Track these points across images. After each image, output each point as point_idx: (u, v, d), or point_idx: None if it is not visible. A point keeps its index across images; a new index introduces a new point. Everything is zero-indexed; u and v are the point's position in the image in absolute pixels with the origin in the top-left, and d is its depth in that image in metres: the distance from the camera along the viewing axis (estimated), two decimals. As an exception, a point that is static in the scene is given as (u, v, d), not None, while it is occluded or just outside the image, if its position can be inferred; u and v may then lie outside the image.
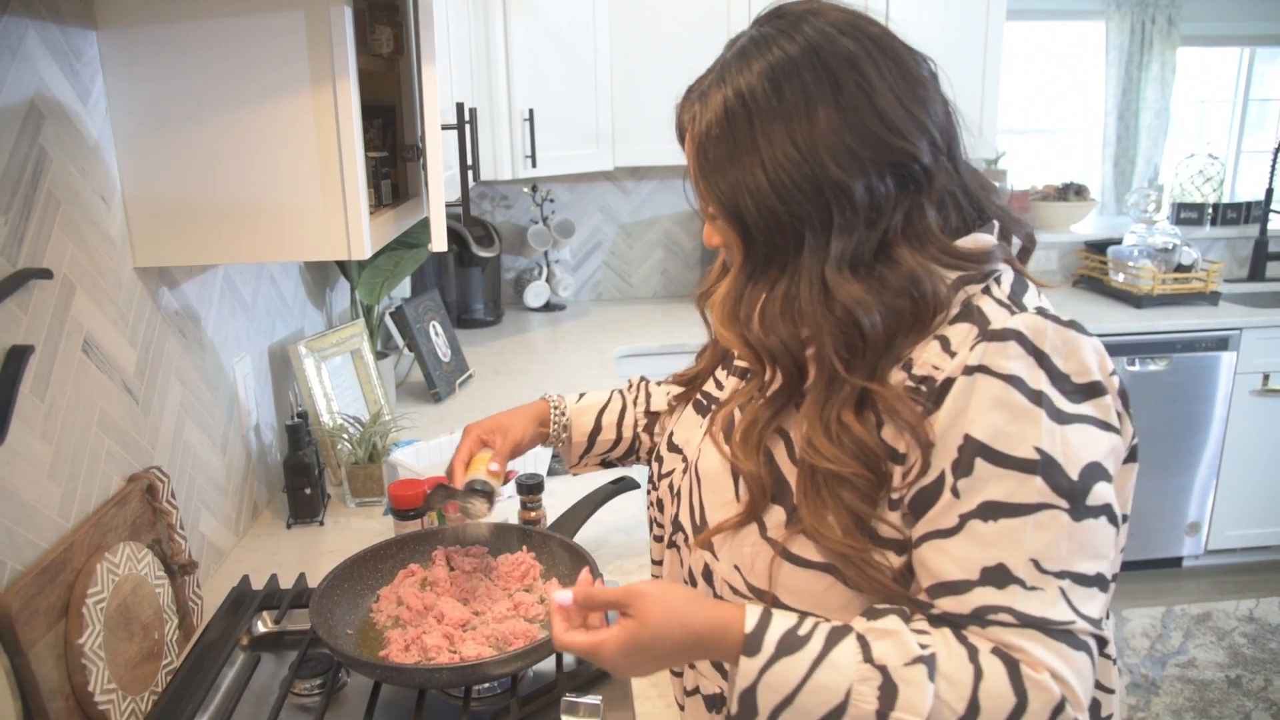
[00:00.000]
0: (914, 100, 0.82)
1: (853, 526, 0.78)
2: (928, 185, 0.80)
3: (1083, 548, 0.72)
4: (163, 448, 1.25)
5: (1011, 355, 0.73)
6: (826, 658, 0.73)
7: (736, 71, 0.82)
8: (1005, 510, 0.72)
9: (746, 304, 0.84)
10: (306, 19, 1.11)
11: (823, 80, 0.79)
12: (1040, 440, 0.72)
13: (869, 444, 0.77)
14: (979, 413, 0.73)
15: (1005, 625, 0.71)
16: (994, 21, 2.91)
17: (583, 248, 3.37)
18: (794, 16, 0.83)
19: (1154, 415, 3.10)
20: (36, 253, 0.98)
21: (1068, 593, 0.71)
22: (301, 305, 1.90)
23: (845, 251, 0.79)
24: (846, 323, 0.78)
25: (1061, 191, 3.68)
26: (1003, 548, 0.72)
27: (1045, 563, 0.71)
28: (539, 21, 2.51)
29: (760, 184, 0.79)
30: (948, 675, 0.71)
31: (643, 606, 0.79)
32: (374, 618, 1.13)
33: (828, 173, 0.78)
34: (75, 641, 0.94)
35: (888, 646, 0.72)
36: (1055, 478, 0.72)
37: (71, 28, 1.07)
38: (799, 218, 0.79)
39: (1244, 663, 2.84)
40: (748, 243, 0.83)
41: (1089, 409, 0.74)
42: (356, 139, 1.16)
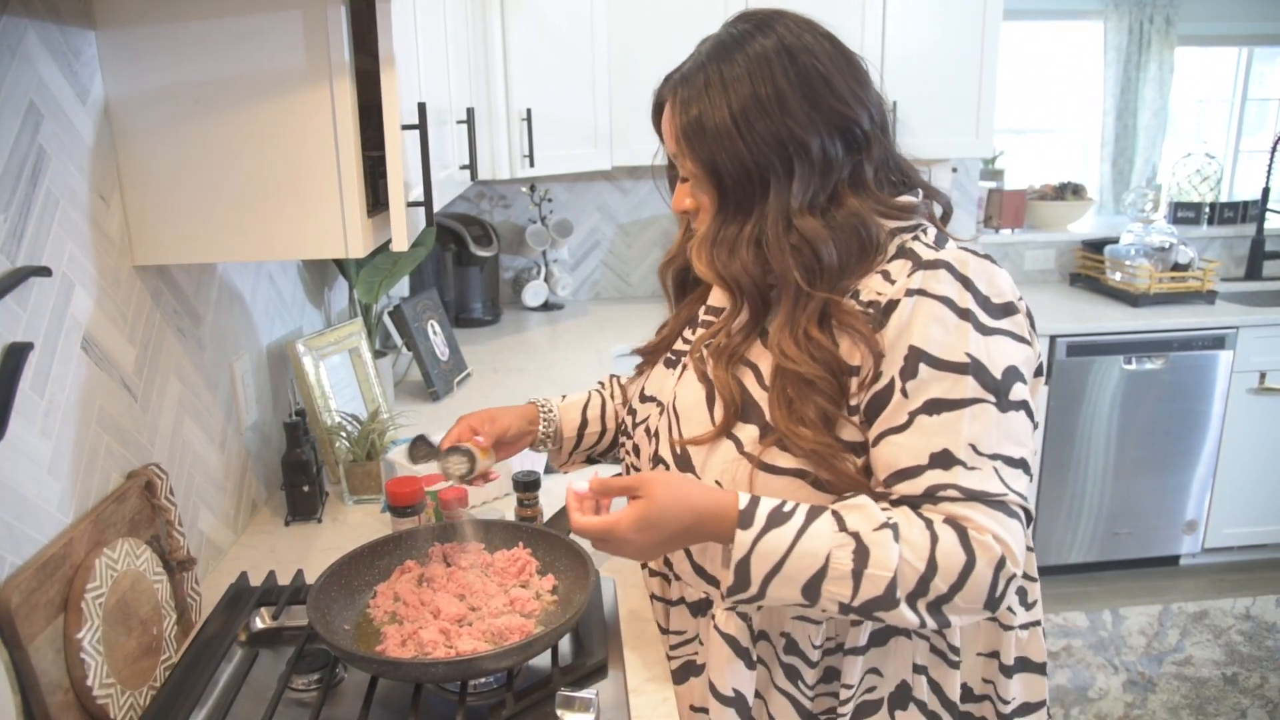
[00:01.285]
0: (855, 81, 1.00)
1: (822, 428, 0.93)
2: (868, 148, 0.99)
3: (1008, 435, 0.88)
4: (161, 445, 1.26)
5: (942, 280, 0.91)
6: (808, 529, 0.88)
7: (717, 58, 1.00)
8: (945, 405, 0.88)
9: (720, 244, 1.00)
10: (304, 18, 1.12)
11: (785, 60, 0.97)
12: (970, 347, 0.89)
13: (831, 351, 0.93)
14: (919, 327, 0.90)
15: (953, 500, 0.86)
16: (991, 21, 2.91)
17: (581, 247, 3.38)
18: (762, 18, 1.02)
19: (1151, 414, 3.11)
20: (36, 250, 0.99)
21: (1000, 471, 0.87)
22: (300, 304, 1.91)
23: (805, 196, 0.96)
24: (806, 253, 0.95)
25: (1059, 191, 3.69)
26: (945, 436, 0.87)
27: (981, 446, 0.87)
28: (537, 21, 2.52)
29: (735, 142, 0.97)
30: (909, 540, 0.85)
31: (651, 488, 0.93)
32: (371, 613, 1.14)
33: (790, 130, 0.95)
34: (74, 636, 0.95)
35: (858, 518, 0.88)
36: (983, 377, 0.88)
37: (70, 27, 1.07)
38: (765, 168, 0.97)
39: (1240, 660, 2.85)
40: (722, 193, 1.00)
41: (1006, 324, 0.91)
42: (354, 137, 1.16)
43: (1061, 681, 2.76)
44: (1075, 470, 3.13)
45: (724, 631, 1.02)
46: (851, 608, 0.87)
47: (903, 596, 0.85)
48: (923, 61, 2.91)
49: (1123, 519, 3.21)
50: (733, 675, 1.02)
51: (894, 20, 2.85)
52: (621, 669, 1.13)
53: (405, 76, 1.24)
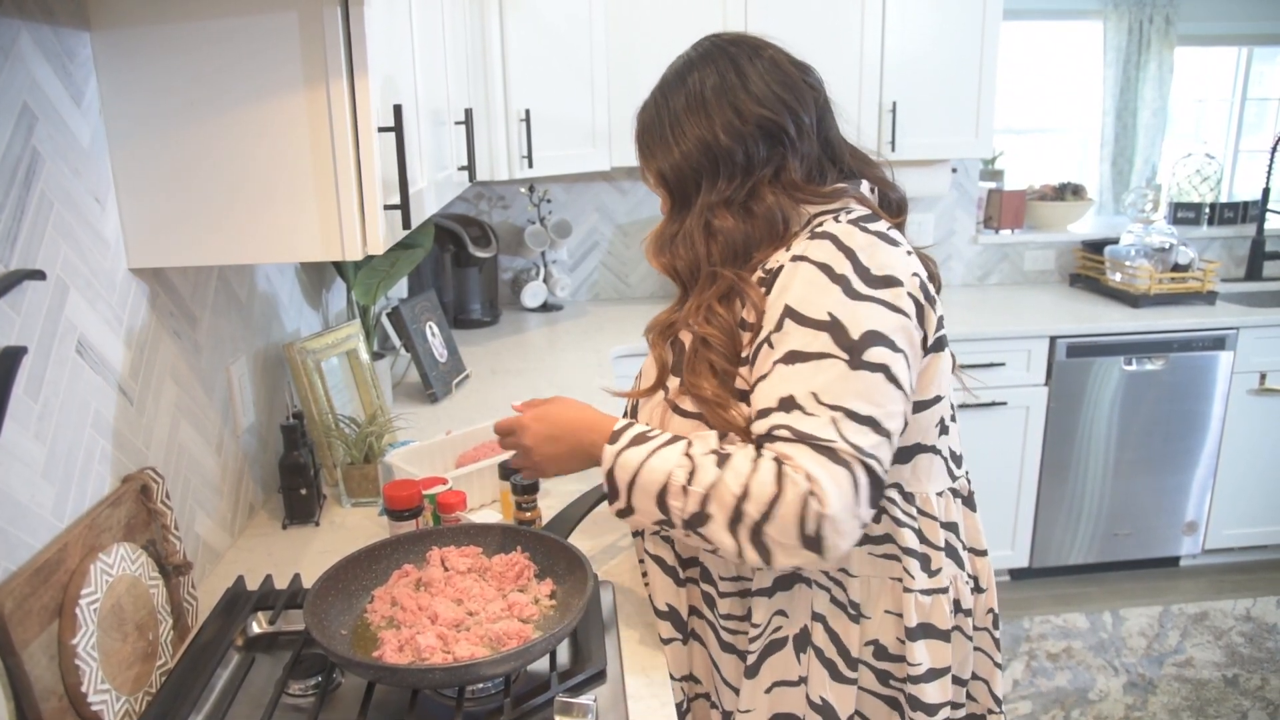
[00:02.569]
0: (783, 88, 1.10)
1: (716, 381, 1.05)
2: (793, 147, 1.09)
3: (856, 392, 0.95)
4: (157, 448, 1.25)
5: (824, 249, 1.01)
6: (660, 451, 1.00)
7: (668, 76, 1.16)
8: (801, 357, 0.97)
9: (664, 238, 1.14)
10: (299, 19, 1.11)
11: (712, 74, 1.11)
12: (832, 307, 0.97)
13: (726, 318, 1.06)
14: (794, 287, 1.00)
15: (784, 440, 0.94)
16: (990, 21, 2.91)
17: (580, 248, 3.37)
18: (712, 39, 1.16)
19: (1151, 415, 3.10)
20: (30, 254, 0.99)
21: (838, 422, 0.94)
22: (298, 306, 1.90)
23: (725, 193, 1.09)
24: (720, 242, 1.08)
25: (1058, 191, 3.68)
26: (793, 383, 0.96)
27: (823, 396, 0.94)
28: (536, 22, 2.51)
29: (668, 144, 1.12)
30: (734, 467, 0.95)
31: (555, 399, 1.19)
32: (368, 618, 1.13)
33: (711, 131, 1.09)
34: (69, 642, 0.94)
35: (700, 446, 0.99)
36: (839, 335, 0.96)
37: (65, 29, 1.07)
38: (696, 170, 1.11)
39: (1241, 662, 2.85)
40: (669, 195, 1.15)
41: (882, 294, 0.99)
42: (350, 140, 1.16)
43: (1062, 683, 2.75)
44: (1075, 471, 3.13)
45: (652, 553, 1.19)
46: (686, 522, 0.97)
47: (717, 515, 0.94)
48: (922, 62, 2.90)
49: (1123, 520, 3.20)
50: (662, 591, 1.19)
51: (893, 21, 2.85)
52: (620, 674, 1.12)
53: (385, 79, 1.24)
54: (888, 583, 1.11)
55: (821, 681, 1.11)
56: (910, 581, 1.10)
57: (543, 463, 1.16)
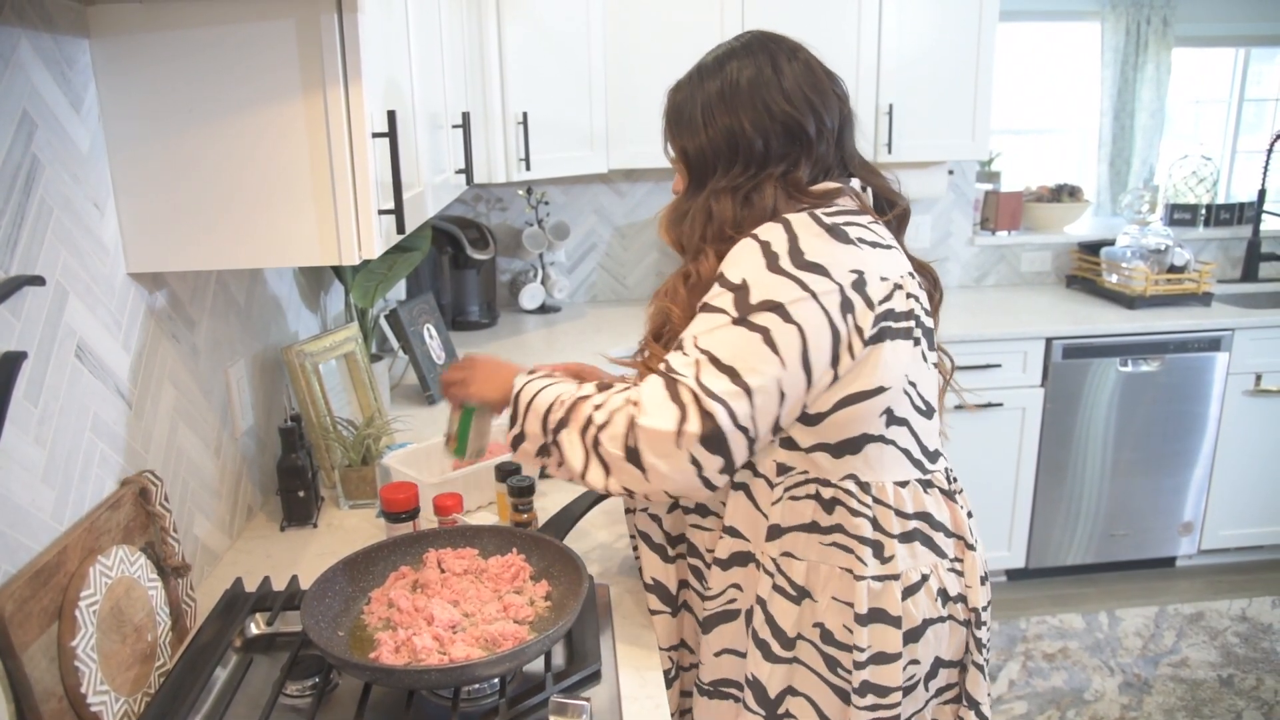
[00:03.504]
0: (813, 91, 1.16)
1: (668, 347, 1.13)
2: (808, 147, 1.15)
3: (727, 343, 1.03)
4: (156, 451, 1.26)
5: (773, 231, 1.07)
6: (559, 384, 1.13)
7: (705, 62, 1.20)
8: (705, 309, 1.07)
9: (676, 213, 1.21)
10: (297, 27, 1.12)
11: (748, 65, 1.16)
12: (747, 273, 1.05)
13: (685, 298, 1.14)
14: (731, 257, 1.08)
15: (657, 373, 1.05)
16: (987, 23, 2.91)
17: (578, 250, 3.38)
18: (753, 33, 1.21)
19: (1147, 416, 3.11)
20: (29, 259, 1.00)
21: (700, 365, 1.03)
22: (296, 309, 1.91)
23: (734, 179, 1.15)
24: (711, 222, 1.15)
25: (1055, 193, 3.69)
26: (690, 329, 1.07)
27: (699, 341, 1.05)
28: (533, 26, 2.52)
29: (697, 127, 1.17)
30: (606, 394, 1.08)
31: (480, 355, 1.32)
32: (365, 619, 1.14)
33: (739, 122, 1.14)
34: (68, 644, 0.95)
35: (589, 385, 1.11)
36: (740, 297, 1.05)
37: (64, 36, 1.08)
38: (716, 154, 1.16)
39: (1236, 662, 2.86)
40: (689, 173, 1.21)
41: (801, 276, 1.04)
42: (347, 145, 1.17)
43: (1058, 683, 2.76)
44: (1072, 472, 3.14)
45: (640, 529, 1.26)
46: (552, 429, 1.09)
47: (573, 422, 1.07)
48: (918, 64, 2.91)
49: (1119, 521, 3.21)
50: (649, 566, 1.25)
51: (890, 22, 2.85)
52: (615, 675, 1.13)
53: (380, 84, 1.25)
54: (836, 571, 1.13)
55: (756, 661, 1.17)
56: (861, 569, 1.11)
57: (471, 378, 1.26)
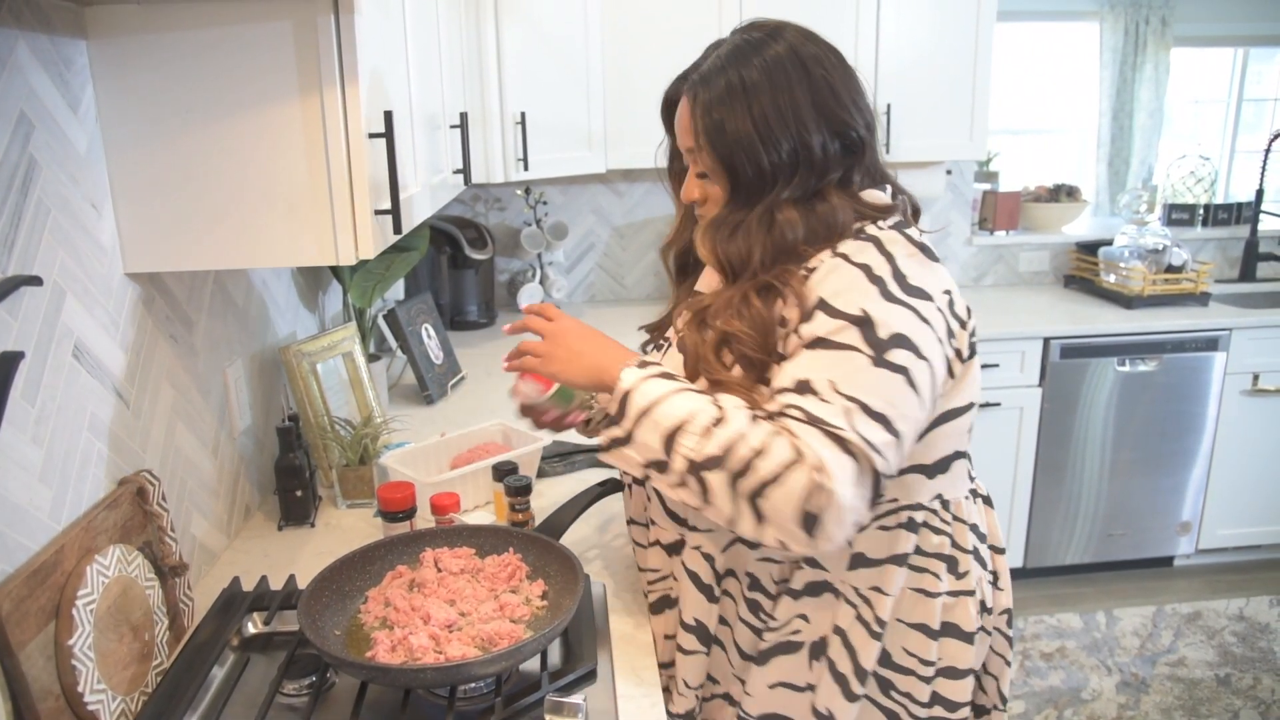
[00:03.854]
0: (856, 92, 1.11)
1: (744, 371, 1.04)
2: (861, 153, 1.10)
3: (874, 388, 0.94)
4: (154, 451, 1.27)
5: (866, 252, 1.02)
6: (686, 392, 1.00)
7: (737, 63, 1.08)
8: (825, 344, 0.97)
9: (722, 228, 1.10)
10: (294, 28, 1.13)
11: (800, 71, 1.07)
12: (867, 305, 0.97)
13: (764, 316, 1.04)
14: (830, 282, 1.00)
15: (795, 420, 0.93)
16: (984, 23, 2.92)
17: (576, 250, 3.38)
18: (771, 27, 1.12)
19: (1145, 416, 3.11)
20: (26, 260, 1.00)
21: (851, 413, 0.93)
22: (294, 308, 1.91)
23: (795, 190, 1.07)
24: (777, 238, 1.06)
25: (1053, 193, 3.70)
26: (813, 368, 0.96)
27: (840, 386, 0.94)
28: (531, 26, 2.53)
29: (754, 146, 1.06)
30: (759, 425, 0.94)
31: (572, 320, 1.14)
32: (362, 619, 1.15)
33: (802, 138, 1.06)
34: (65, 643, 0.96)
35: (728, 400, 0.98)
36: (868, 332, 0.96)
37: (62, 38, 1.08)
38: (776, 166, 1.07)
39: (1233, 661, 2.86)
40: (735, 187, 1.10)
41: (914, 303, 0.99)
42: (343, 146, 1.17)
43: (1055, 683, 2.76)
44: (1070, 472, 3.14)
45: (689, 569, 1.17)
46: (693, 463, 0.94)
47: (729, 464, 0.92)
48: (917, 64, 2.92)
49: (1117, 520, 3.22)
50: (693, 606, 1.18)
51: (888, 22, 2.86)
52: (610, 674, 1.14)
53: (376, 86, 1.25)
54: (909, 594, 1.11)
55: (831, 695, 1.12)
56: (936, 585, 1.10)
57: (557, 354, 1.10)
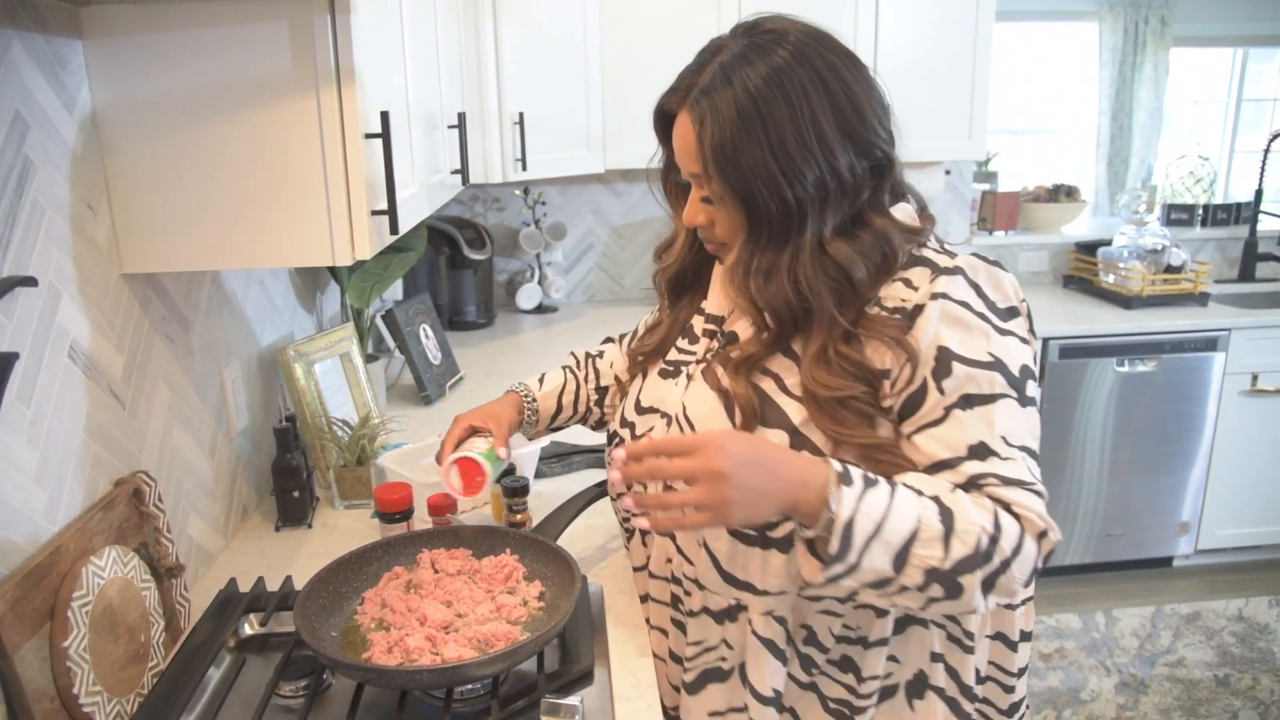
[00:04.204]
0: (876, 103, 1.01)
1: (866, 428, 0.96)
2: (889, 170, 1.02)
3: (1028, 429, 0.94)
4: (150, 452, 1.27)
5: (958, 286, 0.95)
6: (896, 491, 0.88)
7: (743, 78, 0.96)
8: (978, 400, 0.92)
9: (757, 273, 1.00)
10: (290, 28, 1.12)
11: (818, 86, 0.96)
12: (991, 347, 0.94)
13: (864, 364, 0.96)
14: (946, 329, 0.94)
15: (994, 486, 0.90)
16: (983, 23, 2.91)
17: (575, 250, 3.38)
18: (779, 31, 0.99)
19: (1144, 416, 3.11)
20: (21, 260, 1.00)
21: (1026, 461, 0.92)
22: (291, 309, 1.91)
23: (836, 221, 0.98)
24: (839, 276, 0.97)
25: (1052, 193, 3.70)
26: (980, 429, 0.92)
27: (1011, 439, 0.92)
28: (529, 26, 2.52)
29: (774, 176, 0.96)
30: (980, 512, 0.88)
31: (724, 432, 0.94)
32: (358, 620, 1.14)
33: (828, 163, 0.96)
34: (60, 645, 0.96)
35: (927, 484, 0.90)
36: (1007, 375, 0.93)
37: (57, 37, 1.08)
38: (802, 200, 0.97)
39: (1232, 662, 2.86)
40: (755, 221, 1.00)
41: (1013, 326, 0.97)
42: (340, 145, 1.17)
43: (1054, 683, 2.76)
44: (1069, 472, 3.14)
45: (763, 636, 1.05)
46: (940, 571, 0.86)
47: (979, 562, 0.86)
48: (915, 63, 2.91)
49: (1116, 521, 3.22)
50: (771, 675, 1.06)
51: (886, 23, 2.86)
52: (608, 675, 1.14)
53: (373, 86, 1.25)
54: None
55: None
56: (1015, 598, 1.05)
57: (736, 500, 0.84)
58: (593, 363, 1.42)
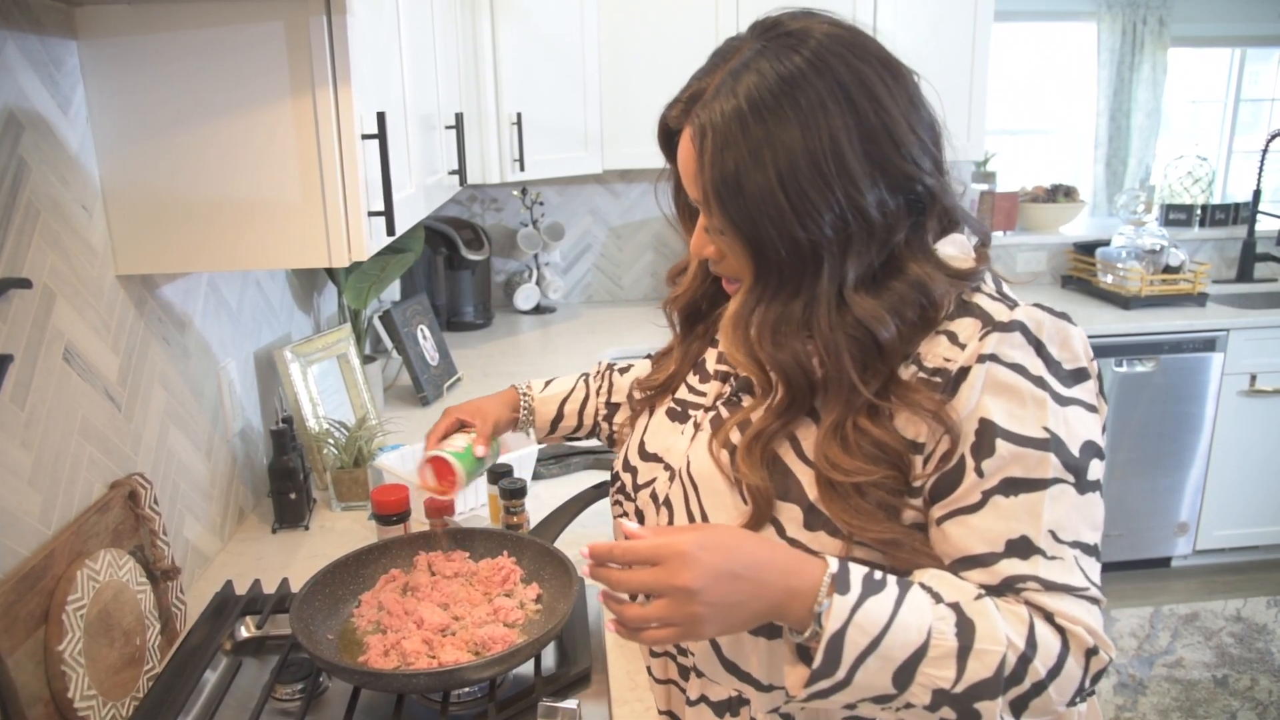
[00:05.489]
0: (920, 123, 0.85)
1: (885, 519, 0.80)
2: (930, 205, 0.84)
3: (1086, 519, 0.78)
4: (146, 454, 1.26)
5: (1016, 344, 0.78)
6: (905, 598, 0.74)
7: (749, 87, 0.80)
8: (1024, 485, 0.77)
9: (759, 325, 0.84)
10: (286, 29, 1.12)
11: (841, 104, 0.79)
12: (1048, 421, 0.77)
13: (889, 443, 0.80)
14: (992, 398, 0.78)
15: (1034, 591, 0.76)
16: (981, 22, 2.91)
17: (573, 250, 3.38)
18: (800, 32, 0.82)
19: (1142, 416, 3.11)
20: (16, 263, 0.99)
21: (1080, 560, 0.77)
22: (288, 310, 1.91)
23: (860, 269, 0.81)
24: (863, 338, 0.80)
25: (1050, 193, 3.70)
26: (1023, 520, 0.76)
27: (1061, 533, 0.77)
28: (527, 25, 2.52)
29: (783, 212, 0.79)
30: (1011, 624, 0.75)
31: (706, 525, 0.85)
32: (355, 623, 1.14)
33: (850, 198, 0.79)
34: (55, 648, 0.95)
35: (950, 588, 0.77)
36: (1063, 455, 0.77)
37: (51, 38, 1.07)
38: (818, 243, 0.80)
39: (1231, 662, 2.86)
40: (762, 264, 0.83)
41: (1079, 392, 0.80)
42: (336, 147, 1.16)
43: (1053, 684, 2.76)
44: (1067, 472, 3.14)
45: None
46: (950, 694, 0.73)
47: (1004, 687, 0.73)
48: (914, 63, 2.87)
49: (1115, 521, 3.21)
50: None
51: (885, 22, 2.85)
52: (605, 678, 1.13)
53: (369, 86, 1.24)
54: None
55: None
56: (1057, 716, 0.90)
57: (705, 616, 0.74)
58: (611, 375, 1.34)
